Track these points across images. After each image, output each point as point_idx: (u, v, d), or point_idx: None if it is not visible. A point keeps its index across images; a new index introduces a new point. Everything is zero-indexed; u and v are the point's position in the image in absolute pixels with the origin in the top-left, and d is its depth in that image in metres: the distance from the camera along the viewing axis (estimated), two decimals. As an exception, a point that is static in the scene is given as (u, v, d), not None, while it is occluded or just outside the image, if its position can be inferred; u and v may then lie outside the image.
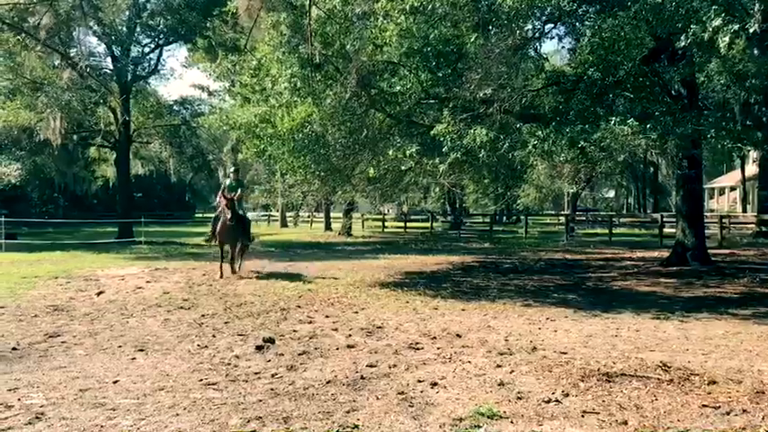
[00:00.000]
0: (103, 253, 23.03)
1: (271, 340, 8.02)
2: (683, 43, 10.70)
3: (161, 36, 31.74)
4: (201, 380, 6.30)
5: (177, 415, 5.24)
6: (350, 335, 8.47)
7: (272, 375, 6.47)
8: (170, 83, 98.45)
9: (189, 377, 6.42)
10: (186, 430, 4.89)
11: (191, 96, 39.26)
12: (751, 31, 9.77)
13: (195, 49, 34.24)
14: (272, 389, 5.97)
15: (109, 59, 31.06)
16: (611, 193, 76.14)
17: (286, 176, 21.84)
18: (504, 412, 5.25)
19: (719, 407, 5.38)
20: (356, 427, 4.96)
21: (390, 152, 14.37)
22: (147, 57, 32.42)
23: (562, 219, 38.56)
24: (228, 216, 14.31)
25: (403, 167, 15.70)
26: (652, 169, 54.29)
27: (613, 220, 36.05)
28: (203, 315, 10.07)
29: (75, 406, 5.47)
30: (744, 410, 5.29)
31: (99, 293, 12.46)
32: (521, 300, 12.15)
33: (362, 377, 6.35)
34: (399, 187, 18.48)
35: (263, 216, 55.81)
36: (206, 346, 7.85)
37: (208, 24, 29.68)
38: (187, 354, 7.49)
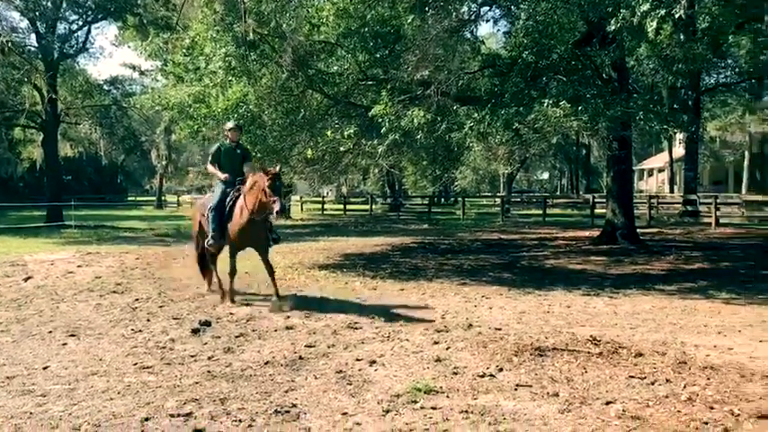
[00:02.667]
0: (31, 237, 22.23)
1: (207, 323, 7.93)
2: (613, 27, 10.99)
3: (89, 13, 30.52)
4: (136, 363, 6.19)
5: (111, 399, 5.15)
6: (288, 316, 8.43)
7: (209, 358, 6.41)
8: (99, 62, 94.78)
9: (123, 361, 6.30)
10: (121, 414, 4.81)
11: (121, 76, 37.93)
12: (677, 16, 10.11)
13: (125, 27, 33.03)
14: (208, 371, 5.92)
15: (33, 36, 29.75)
16: (546, 175, 77.99)
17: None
18: (441, 387, 5.36)
19: (645, 377, 5.62)
20: (294, 405, 4.97)
21: (328, 133, 14.31)
22: (75, 34, 31.20)
23: (498, 200, 39.21)
24: (277, 207, 8.60)
25: (341, 149, 15.66)
26: (584, 151, 55.78)
27: (547, 201, 36.94)
28: (137, 299, 9.85)
29: (2, 393, 5.31)
30: (667, 380, 5.54)
31: (27, 279, 12.03)
32: (458, 279, 12.34)
33: (301, 357, 6.36)
34: (338, 169, 18.44)
35: (198, 198, 54.79)
36: (140, 330, 7.70)
37: (138, 1, 28.75)
38: (121, 338, 7.33)
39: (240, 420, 4.68)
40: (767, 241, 16.83)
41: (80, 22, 30.94)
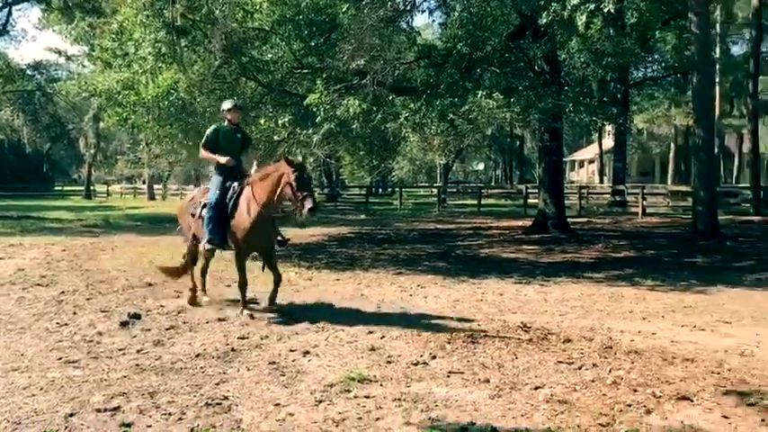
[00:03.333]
0: (-52, 229, 21.16)
1: (136, 316, 7.71)
2: (544, 20, 11.22)
3: (10, -7, 29.29)
4: (61, 358, 5.97)
5: (33, 395, 4.95)
6: (221, 308, 8.29)
7: (138, 351, 6.24)
8: (22, 45, 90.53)
9: (47, 356, 6.06)
10: (43, 410, 4.63)
11: (46, 60, 36.47)
12: (606, 10, 10.39)
13: (50, 10, 31.74)
14: (137, 364, 5.76)
15: (-52, 17, 28.37)
16: (481, 166, 79.13)
17: (152, 146, 20.92)
18: (374, 376, 5.37)
19: (573, 363, 5.77)
20: (226, 398, 4.89)
21: (262, 122, 14.12)
22: (-5, 16, 29.87)
23: (435, 190, 39.61)
24: (309, 205, 7.21)
25: (276, 138, 15.47)
26: (518, 142, 56.89)
27: (482, 191, 37.54)
28: (63, 292, 9.50)
29: None
30: (594, 365, 5.71)
31: (-57, 272, 11.47)
32: (393, 268, 12.40)
33: (233, 349, 6.26)
34: (273, 158, 18.20)
35: (128, 188, 53.33)
36: (66, 324, 7.43)
37: (64, -17, 27.74)
38: (45, 332, 7.06)
39: (170, 414, 4.58)
40: (690, 230, 17.52)
41: (0, 4, 29.58)
